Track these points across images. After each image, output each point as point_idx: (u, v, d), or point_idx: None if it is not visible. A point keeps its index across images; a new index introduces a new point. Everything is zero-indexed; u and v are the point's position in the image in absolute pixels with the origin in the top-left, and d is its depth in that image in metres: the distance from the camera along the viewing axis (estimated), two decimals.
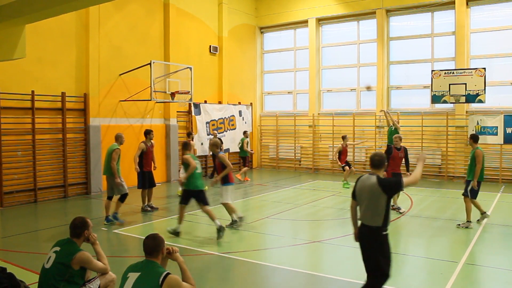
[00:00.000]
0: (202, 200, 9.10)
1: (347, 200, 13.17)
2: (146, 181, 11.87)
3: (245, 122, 21.24)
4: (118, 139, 10.97)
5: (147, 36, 16.47)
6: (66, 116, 13.73)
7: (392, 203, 11.40)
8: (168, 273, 3.97)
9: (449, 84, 16.66)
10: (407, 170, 11.84)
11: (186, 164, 9.05)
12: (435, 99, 17.09)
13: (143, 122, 16.30)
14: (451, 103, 16.96)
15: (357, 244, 5.87)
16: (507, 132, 16.32)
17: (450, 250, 8.35)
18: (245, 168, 17.50)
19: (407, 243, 8.87)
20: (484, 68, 16.22)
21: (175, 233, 9.09)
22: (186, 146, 9.45)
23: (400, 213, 11.24)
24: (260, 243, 9.11)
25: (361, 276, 6.79)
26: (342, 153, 16.23)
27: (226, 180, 9.69)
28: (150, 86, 14.57)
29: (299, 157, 21.45)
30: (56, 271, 4.63)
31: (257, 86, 22.88)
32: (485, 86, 16.15)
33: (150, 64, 14.50)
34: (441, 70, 17.04)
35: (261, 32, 23.02)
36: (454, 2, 17.57)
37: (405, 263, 7.56)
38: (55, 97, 13.54)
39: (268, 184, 16.76)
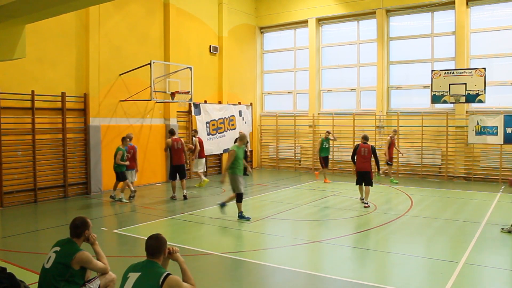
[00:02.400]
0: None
1: (346, 200, 13.19)
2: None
3: (245, 122, 21.24)
4: (244, 139, 11.16)
5: (147, 36, 16.47)
6: (66, 116, 13.73)
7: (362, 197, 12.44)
8: (168, 274, 3.97)
9: (449, 84, 16.68)
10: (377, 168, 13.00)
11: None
12: (435, 99, 17.11)
13: (143, 122, 16.31)
14: (451, 103, 16.98)
15: (357, 244, 5.83)
16: (507, 132, 16.32)
17: (450, 250, 8.35)
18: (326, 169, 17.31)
19: (407, 243, 8.87)
20: (484, 68, 16.24)
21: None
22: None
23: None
24: (260, 243, 9.12)
25: (361, 276, 6.80)
26: (390, 146, 16.49)
27: None
28: (150, 86, 14.57)
29: (299, 157, 21.45)
30: (56, 271, 4.63)
31: (257, 86, 22.88)
32: (485, 86, 16.17)
33: (150, 64, 14.50)
34: (441, 70, 17.06)
35: (261, 32, 23.03)
36: (454, 2, 17.57)
37: (405, 263, 7.56)
38: (55, 97, 13.54)
39: (268, 184, 16.75)
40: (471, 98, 16.48)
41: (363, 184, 12.41)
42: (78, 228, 4.92)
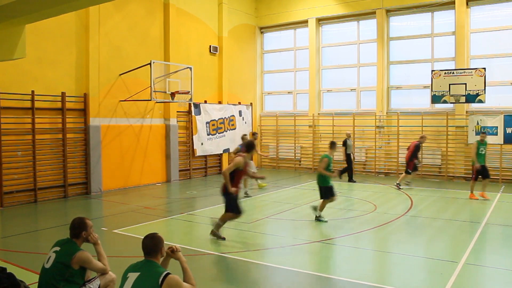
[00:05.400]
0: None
1: (347, 200, 13.20)
2: None
3: (245, 122, 21.25)
4: None
5: (147, 36, 16.47)
6: (66, 116, 13.72)
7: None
8: (168, 273, 3.97)
9: (449, 84, 16.69)
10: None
11: None
12: (435, 99, 17.11)
13: (143, 122, 16.31)
14: (451, 103, 16.98)
15: (357, 244, 5.77)
16: (507, 132, 16.33)
17: (450, 250, 8.34)
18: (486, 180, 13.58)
19: (407, 243, 8.87)
20: (484, 68, 16.24)
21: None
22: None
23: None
24: (260, 243, 9.11)
25: (361, 276, 6.80)
26: None
27: None
28: (150, 86, 14.57)
29: (299, 157, 21.45)
30: (56, 270, 4.63)
31: (257, 86, 22.89)
32: (485, 86, 16.18)
33: (150, 64, 14.50)
34: (441, 70, 17.06)
35: (261, 32, 23.03)
36: (454, 2, 17.57)
37: (405, 263, 7.56)
38: (55, 97, 13.53)
39: (268, 184, 16.73)
40: (471, 98, 16.48)
41: None
42: (76, 229, 4.92)
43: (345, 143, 17.20)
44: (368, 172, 19.19)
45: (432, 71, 17.25)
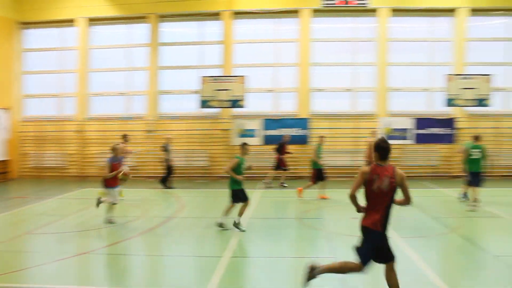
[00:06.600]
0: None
1: (116, 206, 12.84)
2: None
3: (2, 129, 18.87)
4: None
5: None
6: None
7: None
8: None
9: (216, 90, 17.90)
10: None
11: None
12: (203, 103, 18.09)
13: None
14: (217, 107, 18.20)
15: (128, 251, 5.52)
16: (266, 134, 18.34)
17: (217, 246, 8.79)
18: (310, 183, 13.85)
19: (177, 244, 9.06)
20: (245, 76, 17.85)
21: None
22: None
23: None
24: (19, 263, 8.07)
25: (132, 284, 6.67)
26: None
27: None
28: None
29: (66, 165, 20.06)
30: None
31: (17, 88, 20.58)
32: (246, 92, 17.86)
33: None
34: (208, 77, 18.12)
35: (23, 28, 20.75)
36: (219, 14, 18.96)
37: (176, 264, 7.73)
38: None
39: (28, 196, 15.17)
40: (234, 103, 17.95)
41: None
42: None
43: (165, 148, 16.28)
44: (138, 177, 18.89)
45: (201, 77, 18.16)
